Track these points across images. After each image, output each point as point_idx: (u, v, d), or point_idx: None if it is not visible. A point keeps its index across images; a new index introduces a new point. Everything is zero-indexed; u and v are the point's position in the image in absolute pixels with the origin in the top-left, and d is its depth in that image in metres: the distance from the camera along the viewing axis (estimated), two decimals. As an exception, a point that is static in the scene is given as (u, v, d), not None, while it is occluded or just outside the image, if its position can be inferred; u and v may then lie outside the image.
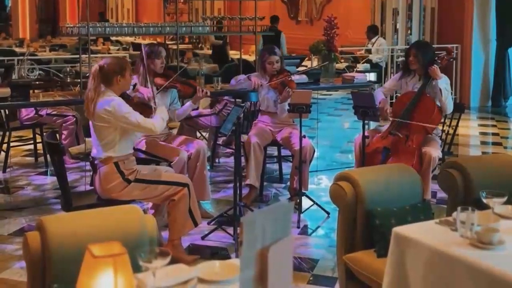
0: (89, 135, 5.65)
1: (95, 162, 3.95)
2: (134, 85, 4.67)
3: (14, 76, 6.43)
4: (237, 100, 5.89)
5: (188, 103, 5.00)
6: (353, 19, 12.58)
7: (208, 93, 4.98)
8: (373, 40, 10.90)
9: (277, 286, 1.74)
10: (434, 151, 4.78)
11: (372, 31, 11.04)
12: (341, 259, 3.25)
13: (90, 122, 3.95)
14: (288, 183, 5.53)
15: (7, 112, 6.07)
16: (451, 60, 5.32)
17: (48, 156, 5.76)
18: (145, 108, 4.13)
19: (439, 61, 5.08)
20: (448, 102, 4.95)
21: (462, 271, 2.40)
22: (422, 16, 10.74)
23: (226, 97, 6.08)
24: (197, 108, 5.78)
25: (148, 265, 2.00)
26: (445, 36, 10.59)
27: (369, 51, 10.79)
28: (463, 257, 2.42)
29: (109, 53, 11.54)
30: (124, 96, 4.04)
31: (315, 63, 7.47)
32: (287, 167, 5.95)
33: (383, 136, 5.00)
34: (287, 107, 5.10)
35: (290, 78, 5.33)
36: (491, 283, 2.30)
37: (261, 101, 5.47)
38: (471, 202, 3.09)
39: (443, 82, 4.94)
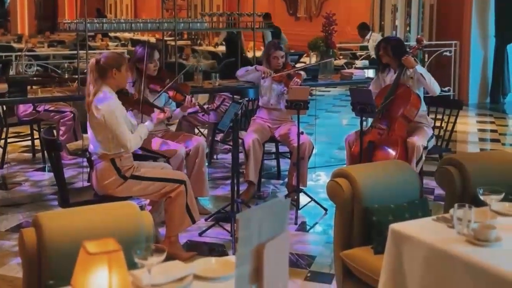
0: (86, 131, 5.65)
1: (92, 158, 3.95)
2: (134, 82, 4.66)
3: (12, 72, 6.41)
4: (235, 96, 5.87)
5: (178, 110, 4.91)
6: (352, 16, 12.57)
7: (196, 104, 4.84)
8: (368, 36, 10.89)
9: (273, 282, 1.74)
10: (418, 140, 4.79)
11: (364, 28, 11.04)
12: (338, 256, 3.25)
13: (88, 117, 3.94)
14: (286, 180, 5.53)
15: (4, 108, 6.06)
16: (421, 49, 5.38)
17: (45, 152, 5.76)
18: (146, 106, 4.10)
19: (410, 51, 5.17)
20: (433, 83, 4.97)
21: (459, 268, 2.40)
22: (421, 13, 10.73)
23: (224, 93, 6.07)
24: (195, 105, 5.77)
25: (143, 262, 1.99)
26: (444, 32, 10.58)
27: (363, 48, 10.77)
28: (460, 254, 2.41)
29: (107, 49, 11.52)
30: (123, 93, 4.03)
31: (313, 59, 7.46)
32: (285, 164, 5.94)
33: (366, 132, 5.04)
34: None
35: (296, 71, 5.36)
36: (487, 280, 2.29)
37: (262, 94, 5.46)
38: (468, 198, 3.09)
39: (419, 69, 4.97)
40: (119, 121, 3.79)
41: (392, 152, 4.78)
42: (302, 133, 5.00)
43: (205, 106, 5.48)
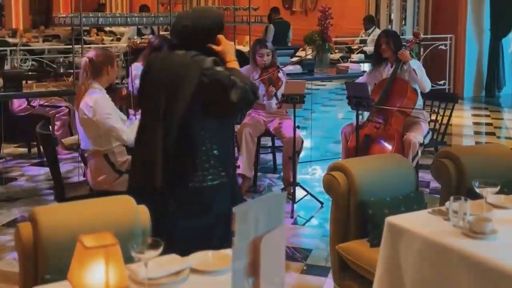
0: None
1: (85, 155, 3.93)
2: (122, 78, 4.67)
3: (7, 67, 6.39)
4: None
5: None
6: (348, 10, 12.55)
7: None
8: (370, 30, 10.88)
9: (270, 276, 1.74)
10: (414, 137, 4.81)
11: (369, 21, 11.02)
12: (335, 249, 3.25)
13: (76, 115, 3.93)
14: (282, 173, 5.53)
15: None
16: (418, 43, 5.67)
17: (41, 147, 5.74)
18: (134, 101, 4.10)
19: (407, 45, 5.24)
20: (424, 80, 5.04)
21: (454, 260, 2.41)
22: (417, 7, 10.72)
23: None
24: None
25: (140, 256, 1.99)
26: (439, 26, 10.59)
27: (363, 42, 10.76)
28: (456, 247, 2.42)
29: (103, 44, 11.48)
30: (112, 88, 4.03)
31: (309, 53, 7.46)
32: (281, 158, 5.93)
33: (363, 125, 5.06)
34: (274, 104, 5.15)
35: (277, 75, 5.27)
36: (483, 272, 2.30)
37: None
38: (464, 191, 3.10)
39: (414, 64, 5.02)
40: (112, 114, 3.77)
41: (388, 146, 4.80)
42: (298, 127, 5.01)
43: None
